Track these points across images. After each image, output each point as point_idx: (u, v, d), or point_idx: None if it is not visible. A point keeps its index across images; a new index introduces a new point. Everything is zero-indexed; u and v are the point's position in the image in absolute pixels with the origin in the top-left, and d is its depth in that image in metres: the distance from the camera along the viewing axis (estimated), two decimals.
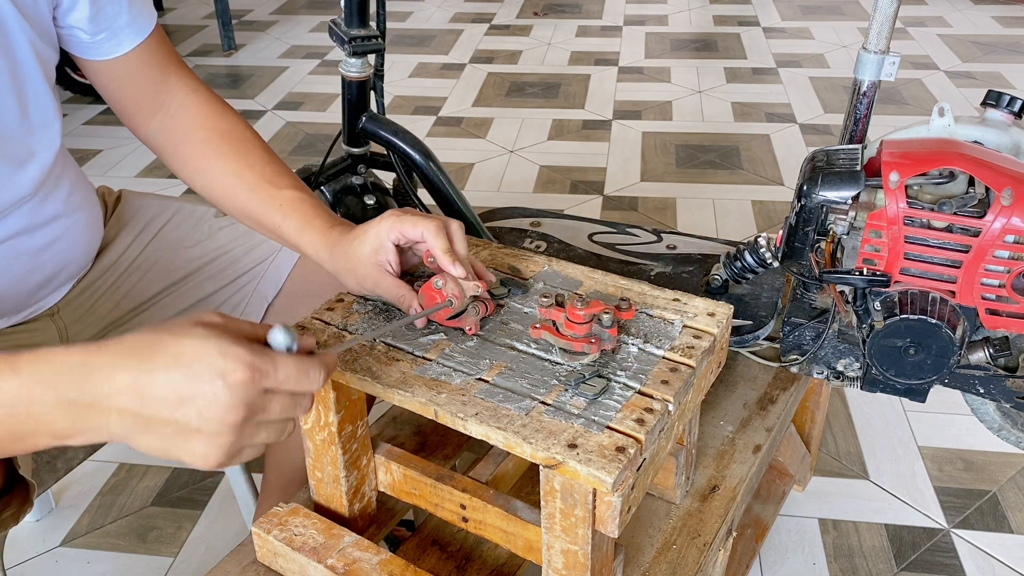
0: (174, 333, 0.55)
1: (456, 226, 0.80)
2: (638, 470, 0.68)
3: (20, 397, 0.55)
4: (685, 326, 0.80)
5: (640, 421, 0.69)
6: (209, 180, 0.92)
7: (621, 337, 0.78)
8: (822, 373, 1.05)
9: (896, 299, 0.91)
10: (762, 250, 1.08)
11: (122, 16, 0.88)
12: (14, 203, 0.84)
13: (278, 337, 0.59)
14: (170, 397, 0.54)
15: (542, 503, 0.70)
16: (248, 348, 0.55)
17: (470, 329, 0.79)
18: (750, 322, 1.11)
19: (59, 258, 0.92)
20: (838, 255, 0.96)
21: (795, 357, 1.05)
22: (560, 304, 0.76)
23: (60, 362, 0.55)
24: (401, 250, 0.82)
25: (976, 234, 0.88)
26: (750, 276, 1.11)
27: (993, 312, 0.91)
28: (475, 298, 0.79)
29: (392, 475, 0.86)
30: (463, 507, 0.81)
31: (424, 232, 0.78)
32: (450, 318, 0.79)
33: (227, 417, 0.54)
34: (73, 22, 0.86)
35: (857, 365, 1.02)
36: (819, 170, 0.96)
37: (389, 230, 0.79)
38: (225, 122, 0.94)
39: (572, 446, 0.66)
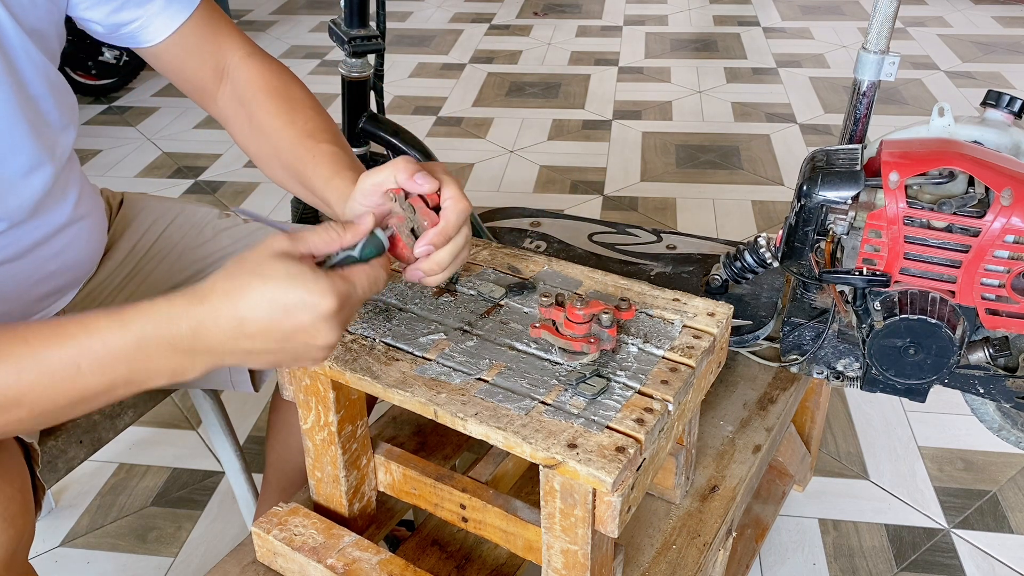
0: (257, 274, 0.60)
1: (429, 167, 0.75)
2: (638, 470, 0.68)
3: (138, 351, 0.60)
4: (685, 326, 0.80)
5: (640, 421, 0.69)
6: (259, 140, 0.91)
7: (621, 337, 0.78)
8: (822, 373, 1.05)
9: (896, 299, 0.91)
10: (762, 250, 1.08)
11: (155, 2, 0.87)
12: (17, 214, 0.84)
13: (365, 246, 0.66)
14: (275, 334, 0.60)
15: (542, 503, 0.70)
16: (330, 280, 0.60)
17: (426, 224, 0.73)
18: (750, 322, 1.11)
19: (67, 267, 0.93)
20: (838, 255, 0.96)
21: (795, 357, 1.05)
22: (560, 304, 0.76)
23: (166, 316, 0.60)
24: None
25: (976, 234, 0.88)
26: (750, 276, 1.11)
27: (993, 312, 0.91)
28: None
29: (392, 475, 0.86)
30: (463, 507, 0.81)
31: (392, 172, 0.73)
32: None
33: (330, 338, 0.62)
34: (94, 17, 0.86)
35: (857, 365, 1.02)
36: (819, 170, 0.96)
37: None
38: (276, 79, 0.92)
39: (572, 446, 0.66)
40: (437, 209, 0.73)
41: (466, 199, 0.73)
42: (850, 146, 1.00)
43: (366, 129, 1.62)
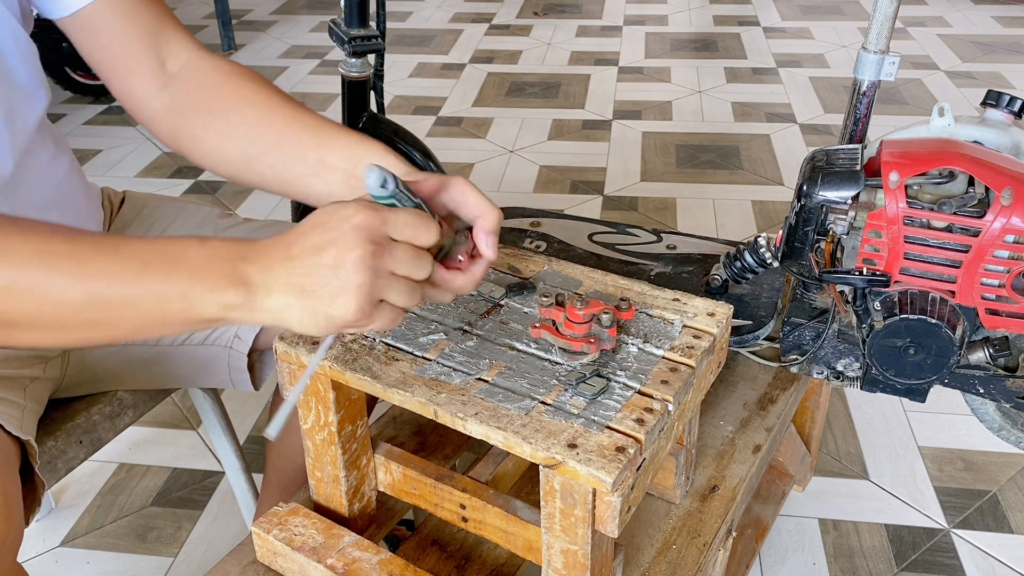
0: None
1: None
2: (638, 470, 0.68)
3: (198, 252, 0.62)
4: (685, 326, 0.80)
5: (640, 421, 0.69)
6: (234, 116, 0.83)
7: (621, 337, 0.78)
8: (822, 373, 1.05)
9: (896, 299, 0.91)
10: (762, 250, 1.08)
11: None
12: None
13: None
14: (310, 249, 0.61)
15: (542, 503, 0.70)
16: (370, 202, 0.63)
17: (461, 260, 0.71)
18: (750, 322, 1.11)
19: None
20: (838, 255, 0.96)
21: (795, 357, 1.05)
22: (560, 304, 0.76)
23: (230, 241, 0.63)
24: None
25: (976, 234, 0.88)
26: (750, 276, 1.11)
27: (993, 312, 0.91)
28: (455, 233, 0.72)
29: (392, 475, 0.86)
30: (463, 507, 0.81)
31: (480, 212, 0.71)
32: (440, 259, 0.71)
33: (357, 251, 0.61)
34: None
35: (857, 365, 1.02)
36: (819, 170, 0.96)
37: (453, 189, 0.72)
38: (246, 69, 0.87)
39: (572, 446, 0.66)
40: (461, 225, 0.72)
41: (477, 283, 0.71)
42: (850, 146, 1.00)
43: (366, 129, 1.62)
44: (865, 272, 0.92)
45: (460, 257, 0.70)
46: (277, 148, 0.81)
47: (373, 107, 1.67)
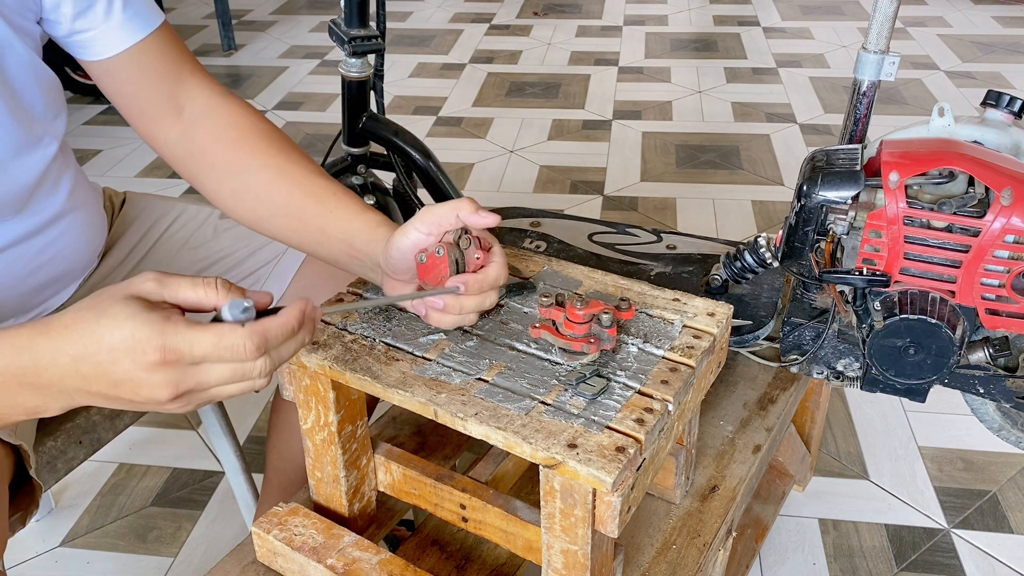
0: (97, 311, 0.56)
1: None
2: (638, 470, 0.68)
3: None
4: (685, 326, 0.80)
5: (640, 421, 0.69)
6: (246, 180, 0.86)
7: (621, 337, 0.78)
8: (822, 373, 1.04)
9: (896, 299, 0.91)
10: (762, 250, 1.08)
11: (114, 15, 0.83)
12: (7, 201, 0.83)
13: (225, 314, 0.57)
14: (104, 379, 0.56)
15: (542, 503, 0.70)
16: (161, 328, 0.54)
17: (479, 258, 0.75)
18: (750, 322, 1.10)
19: (61, 258, 0.92)
20: (838, 255, 0.96)
21: (795, 357, 1.05)
22: (560, 304, 0.76)
23: (11, 347, 0.57)
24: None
25: (976, 234, 0.88)
26: (750, 276, 1.11)
27: (993, 312, 0.91)
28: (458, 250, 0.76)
29: (392, 475, 0.86)
30: (463, 507, 0.81)
31: (454, 208, 0.74)
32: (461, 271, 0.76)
33: (156, 395, 0.56)
34: (57, 18, 0.82)
35: (857, 365, 1.02)
36: (819, 170, 0.96)
37: (422, 223, 0.75)
38: (261, 123, 0.89)
39: (572, 446, 0.66)
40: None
41: (507, 269, 0.76)
42: (850, 146, 1.00)
43: (366, 129, 1.62)
44: (865, 272, 0.92)
45: (477, 256, 0.75)
46: (283, 213, 0.85)
47: (373, 107, 1.67)
